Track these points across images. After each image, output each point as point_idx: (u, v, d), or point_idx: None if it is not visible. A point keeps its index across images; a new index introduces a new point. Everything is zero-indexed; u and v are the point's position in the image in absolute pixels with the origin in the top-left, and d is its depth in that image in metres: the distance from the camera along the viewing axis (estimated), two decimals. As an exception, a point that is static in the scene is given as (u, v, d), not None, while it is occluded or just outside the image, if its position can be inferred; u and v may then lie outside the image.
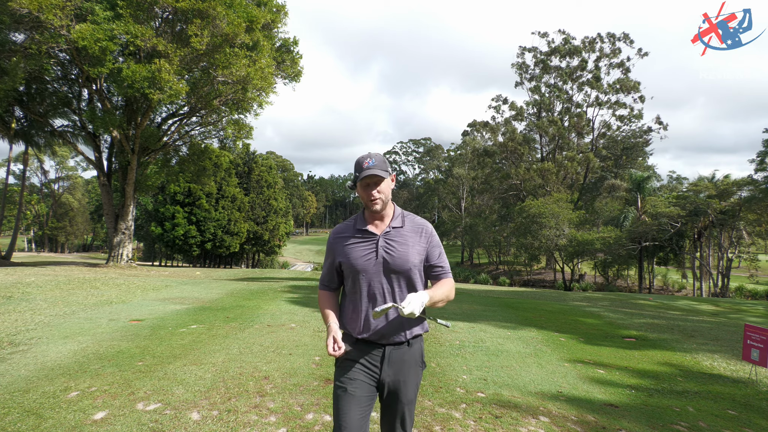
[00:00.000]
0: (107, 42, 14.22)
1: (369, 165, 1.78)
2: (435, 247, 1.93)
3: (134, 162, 19.45)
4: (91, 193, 71.44)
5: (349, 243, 1.89)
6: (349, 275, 1.88)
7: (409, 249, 1.85)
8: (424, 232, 1.92)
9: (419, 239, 1.89)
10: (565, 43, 43.43)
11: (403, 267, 1.82)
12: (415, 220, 1.94)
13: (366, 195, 1.82)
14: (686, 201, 27.80)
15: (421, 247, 1.89)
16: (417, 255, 1.86)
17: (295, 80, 22.18)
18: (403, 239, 1.86)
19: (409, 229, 1.89)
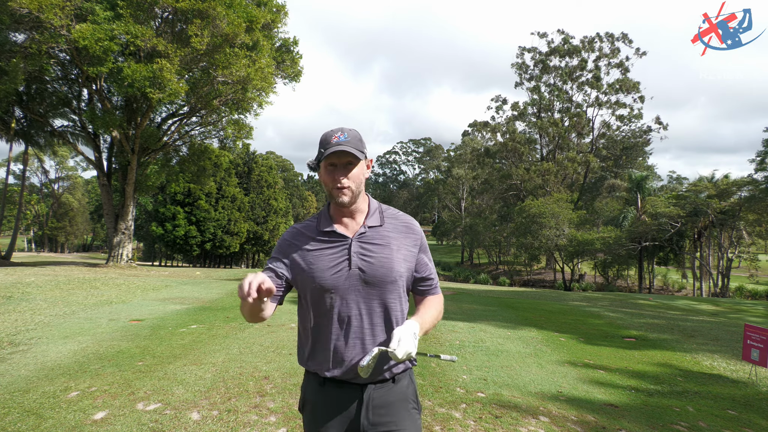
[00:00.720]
0: (108, 42, 14.22)
1: (339, 140, 1.36)
2: (425, 252, 1.51)
3: (134, 162, 19.45)
4: (91, 193, 71.42)
5: (310, 249, 1.42)
6: (310, 295, 1.41)
7: (392, 254, 1.41)
8: (412, 233, 1.48)
9: (405, 241, 1.46)
10: (565, 43, 43.46)
11: (386, 278, 1.38)
12: (398, 217, 1.50)
13: (331, 180, 1.37)
14: (686, 201, 27.81)
15: (409, 252, 1.45)
16: (403, 262, 1.43)
17: (295, 80, 22.19)
18: (384, 241, 1.42)
19: (391, 228, 1.46)
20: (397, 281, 1.41)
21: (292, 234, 1.49)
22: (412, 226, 1.49)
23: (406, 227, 1.48)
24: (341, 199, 1.37)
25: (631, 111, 42.34)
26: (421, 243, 1.50)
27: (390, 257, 1.41)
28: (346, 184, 1.37)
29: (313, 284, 1.39)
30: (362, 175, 1.41)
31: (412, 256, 1.46)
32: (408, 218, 1.51)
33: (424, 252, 1.51)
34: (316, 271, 1.39)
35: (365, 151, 1.43)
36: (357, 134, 1.42)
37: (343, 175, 1.37)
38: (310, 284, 1.40)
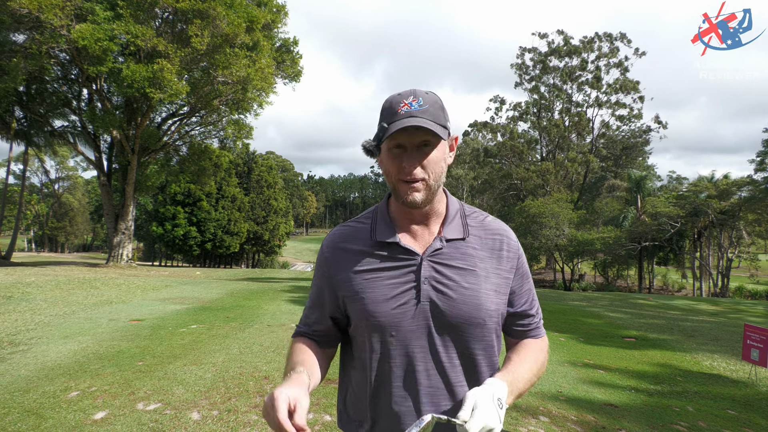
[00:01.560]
0: (108, 42, 14.23)
1: (410, 109, 0.90)
2: (525, 278, 1.08)
3: (134, 162, 19.46)
4: (91, 193, 71.44)
5: (360, 270, 1.01)
6: (364, 331, 1.01)
7: (480, 283, 0.99)
8: (507, 249, 1.04)
9: (498, 264, 1.02)
10: (565, 44, 43.47)
11: (470, 320, 0.97)
12: (487, 226, 1.06)
13: (396, 170, 0.94)
14: (686, 201, 27.81)
15: (502, 279, 1.02)
16: (495, 295, 1.00)
17: (295, 80, 22.20)
18: (469, 263, 0.99)
19: (477, 243, 1.02)
20: (485, 323, 0.99)
21: (334, 246, 1.06)
22: (507, 239, 1.04)
23: (499, 240, 1.03)
24: (411, 197, 0.94)
25: (631, 111, 42.37)
26: (518, 264, 1.05)
27: (476, 288, 0.98)
28: (419, 175, 0.93)
29: (363, 321, 0.99)
30: (443, 161, 0.96)
31: (506, 285, 1.02)
32: (501, 226, 1.06)
33: (523, 277, 1.06)
34: (368, 302, 0.98)
35: (449, 124, 0.96)
36: (437, 100, 0.95)
37: (415, 163, 0.92)
38: (363, 318, 0.99)
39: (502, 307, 1.03)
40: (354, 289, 1.00)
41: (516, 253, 1.05)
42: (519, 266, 1.05)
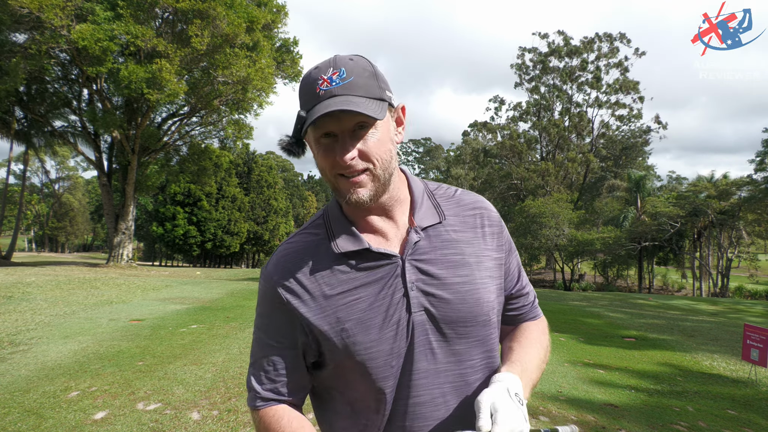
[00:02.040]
0: (108, 42, 14.23)
1: (330, 87, 0.72)
2: (511, 253, 0.91)
3: (134, 162, 19.46)
4: (91, 193, 71.45)
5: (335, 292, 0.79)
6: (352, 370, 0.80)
7: (474, 273, 0.81)
8: (489, 224, 0.86)
9: (484, 242, 0.85)
10: (565, 44, 43.48)
11: (474, 319, 0.80)
12: (461, 199, 0.88)
13: (329, 166, 0.75)
14: (686, 201, 27.82)
15: (493, 261, 0.85)
16: (491, 284, 0.83)
17: (295, 80, 22.20)
18: (455, 251, 0.81)
19: (457, 223, 0.84)
20: (489, 319, 0.82)
21: (284, 270, 0.81)
22: (485, 210, 0.87)
23: (480, 216, 0.85)
24: (355, 196, 0.75)
25: (631, 111, 42.38)
26: (504, 239, 0.88)
27: (471, 279, 0.80)
28: (359, 166, 0.73)
29: (350, 357, 0.78)
30: (389, 142, 0.76)
31: (499, 267, 0.85)
32: (475, 198, 0.88)
33: (510, 253, 0.89)
34: (352, 334, 0.77)
35: (388, 93, 0.76)
36: (365, 66, 0.75)
37: (350, 153, 0.72)
38: (346, 357, 0.78)
39: (499, 292, 0.85)
40: (328, 321, 0.77)
41: (499, 226, 0.87)
42: (504, 240, 0.88)
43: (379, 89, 0.74)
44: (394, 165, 0.79)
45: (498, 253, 0.86)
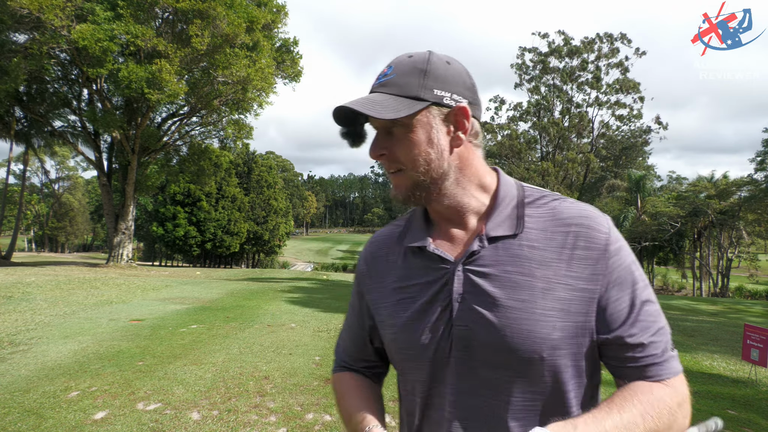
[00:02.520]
0: (108, 42, 14.24)
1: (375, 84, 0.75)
2: (621, 287, 0.70)
3: (134, 162, 19.47)
4: (91, 193, 71.48)
5: (393, 286, 0.81)
6: (396, 365, 0.84)
7: (536, 300, 0.69)
8: (586, 245, 0.70)
9: (569, 267, 0.70)
10: (565, 44, 43.50)
11: (519, 353, 0.68)
12: (559, 211, 0.73)
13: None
14: (686, 201, 27.83)
15: (576, 291, 0.69)
16: (559, 318, 0.68)
17: (295, 80, 22.22)
18: (521, 270, 0.70)
19: (540, 238, 0.72)
20: (542, 359, 0.68)
21: (369, 255, 0.88)
22: (587, 229, 0.70)
23: (574, 234, 0.70)
24: (393, 193, 0.77)
25: (631, 111, 42.39)
26: (607, 266, 0.69)
27: (529, 307, 0.68)
28: (390, 166, 0.75)
29: (392, 353, 0.82)
30: (425, 143, 0.72)
31: (585, 300, 0.69)
32: (580, 212, 0.72)
33: (619, 286, 0.69)
34: (395, 330, 0.78)
35: (436, 93, 0.71)
36: (415, 62, 0.73)
37: (378, 150, 0.74)
38: (390, 351, 0.83)
39: (575, 332, 0.68)
40: (382, 312, 0.81)
41: (601, 251, 0.69)
42: (608, 269, 0.68)
43: (419, 87, 0.71)
44: (440, 171, 0.73)
45: (587, 284, 0.68)
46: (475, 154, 0.77)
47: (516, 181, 0.79)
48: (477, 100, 0.76)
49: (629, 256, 0.71)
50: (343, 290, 12.46)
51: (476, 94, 0.76)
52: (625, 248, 0.71)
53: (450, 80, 0.72)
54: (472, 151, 0.77)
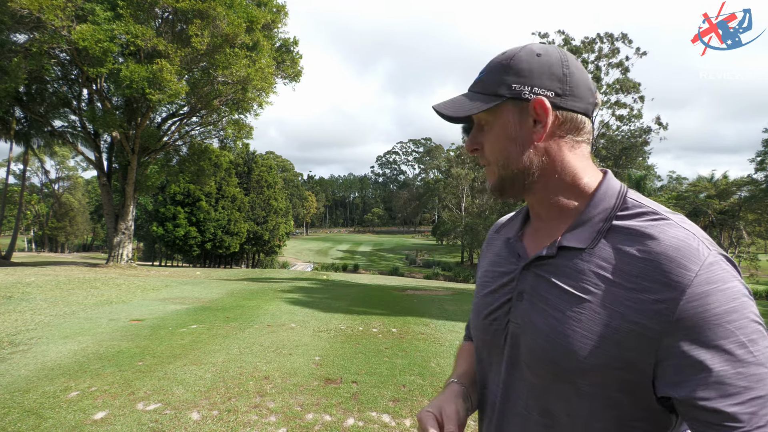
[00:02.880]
0: (108, 43, 14.24)
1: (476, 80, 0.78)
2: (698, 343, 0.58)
3: (134, 162, 19.48)
4: (91, 193, 71.50)
5: (486, 269, 0.88)
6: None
7: (583, 319, 0.65)
8: (663, 280, 0.60)
9: (632, 295, 0.62)
10: (565, 44, 43.49)
11: (550, 366, 0.68)
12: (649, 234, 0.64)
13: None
14: (686, 201, 27.85)
15: (629, 322, 0.62)
16: (600, 343, 0.63)
17: (295, 80, 22.23)
18: (580, 284, 0.67)
19: (612, 257, 0.66)
20: (573, 380, 0.66)
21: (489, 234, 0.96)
22: (669, 263, 0.61)
23: (655, 264, 0.62)
24: (488, 186, 0.82)
25: (631, 111, 42.41)
26: (683, 312, 0.59)
27: (573, 323, 0.66)
28: (481, 159, 0.79)
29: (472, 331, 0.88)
30: (505, 138, 0.74)
31: (635, 335, 0.61)
32: (676, 240, 0.62)
33: (693, 341, 0.59)
34: (473, 310, 0.87)
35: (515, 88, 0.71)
36: (505, 57, 0.74)
37: (471, 144, 0.79)
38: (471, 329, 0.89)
39: (616, 365, 0.63)
40: (476, 289, 0.89)
41: (677, 288, 0.59)
42: (678, 312, 0.59)
43: (497, 84, 0.72)
44: (521, 166, 0.73)
45: (643, 319, 0.61)
46: (570, 151, 0.73)
47: (624, 188, 0.73)
48: (572, 91, 0.71)
49: (727, 304, 0.58)
50: (343, 290, 12.45)
51: (572, 84, 0.71)
52: (720, 294, 0.58)
53: (534, 73, 0.71)
54: (564, 146, 0.73)
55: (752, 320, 0.58)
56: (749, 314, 0.58)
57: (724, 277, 0.60)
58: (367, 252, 69.24)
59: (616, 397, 0.64)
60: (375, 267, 52.62)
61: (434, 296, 11.92)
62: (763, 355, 0.57)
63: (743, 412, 0.56)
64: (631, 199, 0.71)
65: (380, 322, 7.16)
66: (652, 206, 0.69)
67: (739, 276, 0.62)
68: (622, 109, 43.07)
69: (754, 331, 0.58)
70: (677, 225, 0.65)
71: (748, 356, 0.56)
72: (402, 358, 4.97)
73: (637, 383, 0.63)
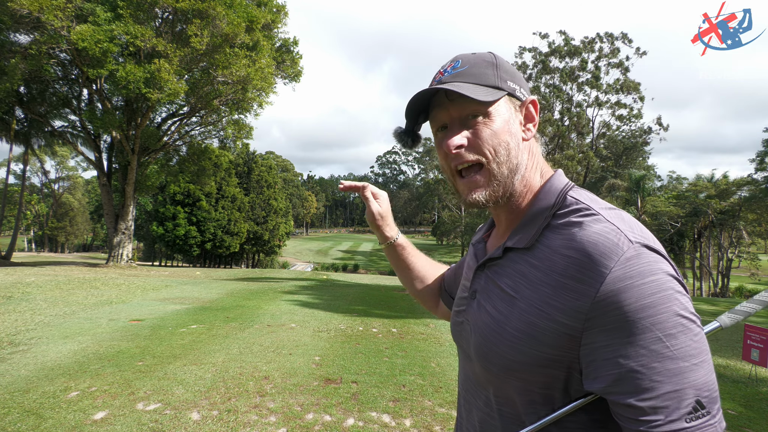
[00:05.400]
0: (107, 43, 14.23)
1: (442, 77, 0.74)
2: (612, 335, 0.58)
3: (134, 162, 19.47)
4: (91, 193, 71.50)
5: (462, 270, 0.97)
6: None
7: (511, 319, 0.68)
8: (580, 277, 0.60)
9: (555, 295, 0.63)
10: (566, 44, 43.49)
11: (487, 361, 0.71)
12: (576, 233, 0.64)
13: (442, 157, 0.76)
14: (686, 201, 27.84)
15: (551, 321, 0.63)
16: (525, 342, 0.65)
17: (295, 80, 22.23)
18: (514, 286, 0.70)
19: (545, 257, 0.66)
20: (504, 378, 0.69)
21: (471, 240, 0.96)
22: (589, 262, 0.60)
23: (575, 263, 0.61)
24: (471, 197, 0.73)
25: (631, 111, 42.39)
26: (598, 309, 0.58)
27: (503, 322, 0.68)
28: (467, 156, 0.72)
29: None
30: (508, 134, 0.71)
31: (559, 334, 0.62)
32: (596, 237, 0.61)
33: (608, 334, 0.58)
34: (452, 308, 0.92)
35: (510, 84, 0.73)
36: (485, 57, 0.75)
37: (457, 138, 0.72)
38: None
39: (543, 363, 0.64)
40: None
41: (592, 285, 0.59)
42: (594, 309, 0.58)
43: (495, 77, 0.72)
44: (515, 163, 0.72)
45: (565, 318, 0.61)
46: (539, 150, 0.78)
47: (568, 186, 0.72)
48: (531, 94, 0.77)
49: (644, 299, 0.56)
50: (343, 290, 12.45)
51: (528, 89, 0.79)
52: (636, 290, 0.57)
53: (517, 75, 0.77)
54: (535, 146, 0.77)
55: (674, 314, 0.57)
56: (671, 308, 0.57)
57: (642, 271, 0.58)
58: (367, 252, 69.23)
59: (549, 393, 0.66)
60: (375, 267, 52.62)
61: (434, 296, 11.90)
62: (682, 350, 0.56)
63: (657, 406, 0.55)
64: (571, 197, 0.70)
65: (380, 322, 7.16)
66: (588, 203, 0.68)
67: (668, 268, 0.60)
68: (622, 109, 43.06)
69: (674, 325, 0.56)
70: (603, 220, 0.64)
71: (664, 351, 0.56)
72: (402, 358, 4.97)
73: (568, 380, 0.64)
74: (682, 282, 0.61)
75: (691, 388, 0.55)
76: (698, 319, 0.59)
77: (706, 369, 0.57)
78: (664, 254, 0.61)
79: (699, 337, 0.58)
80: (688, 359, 0.56)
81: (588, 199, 0.69)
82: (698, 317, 0.59)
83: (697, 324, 0.59)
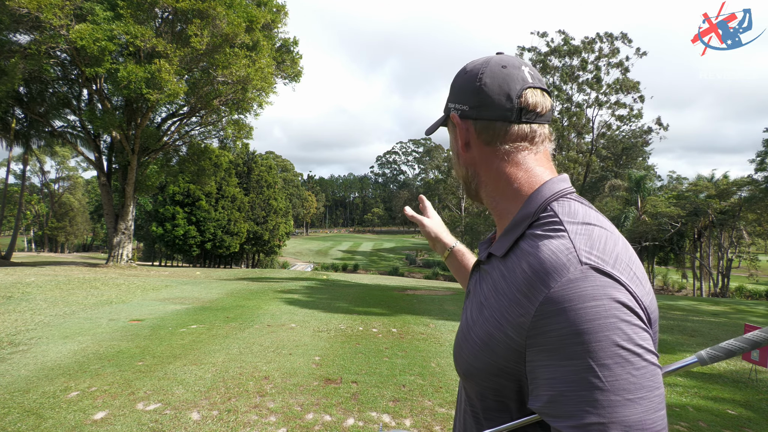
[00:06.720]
0: (106, 42, 14.23)
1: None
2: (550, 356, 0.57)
3: (134, 162, 19.47)
4: (91, 193, 71.49)
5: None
6: None
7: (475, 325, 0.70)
8: (528, 295, 0.60)
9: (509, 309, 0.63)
10: (565, 44, 43.49)
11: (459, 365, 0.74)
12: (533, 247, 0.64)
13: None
14: (686, 201, 27.85)
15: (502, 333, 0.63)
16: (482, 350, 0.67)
17: (295, 80, 22.23)
18: (484, 293, 0.72)
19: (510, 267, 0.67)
20: (467, 381, 0.73)
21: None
22: (538, 280, 0.60)
23: (527, 280, 0.61)
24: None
25: (631, 111, 42.38)
26: (538, 328, 0.58)
27: (470, 327, 0.71)
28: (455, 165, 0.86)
29: None
30: (455, 154, 0.81)
31: (508, 346, 0.63)
32: (545, 256, 0.61)
33: (547, 355, 0.57)
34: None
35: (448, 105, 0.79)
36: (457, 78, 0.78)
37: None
38: None
39: (495, 371, 0.65)
40: None
41: (534, 305, 0.59)
42: (534, 328, 0.58)
43: (451, 100, 0.79)
44: (460, 174, 0.82)
45: (513, 332, 0.61)
46: (501, 159, 0.74)
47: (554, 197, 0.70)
48: (485, 101, 0.72)
49: (581, 325, 0.54)
50: (343, 290, 12.45)
51: (484, 94, 0.72)
52: (572, 314, 0.55)
53: (456, 89, 0.78)
54: (492, 155, 0.74)
55: (613, 344, 0.53)
56: (609, 337, 0.53)
57: (582, 295, 0.55)
58: (367, 252, 69.24)
59: (503, 401, 0.68)
60: (375, 267, 52.61)
61: (434, 296, 11.91)
62: (616, 383, 0.52)
63: (571, 416, 0.54)
64: (550, 208, 0.68)
65: (380, 322, 7.15)
66: (562, 216, 0.66)
67: (617, 295, 0.56)
68: (622, 109, 43.06)
69: (610, 356, 0.53)
70: (564, 237, 0.62)
71: (595, 380, 0.53)
72: (402, 358, 4.97)
73: (519, 392, 0.65)
74: (637, 311, 0.57)
75: (618, 425, 0.52)
76: (647, 353, 0.55)
77: (644, 407, 0.52)
78: (621, 280, 0.57)
79: (642, 372, 0.53)
80: (620, 393, 0.52)
81: (565, 212, 0.66)
82: (649, 351, 0.55)
83: (643, 358, 0.54)
